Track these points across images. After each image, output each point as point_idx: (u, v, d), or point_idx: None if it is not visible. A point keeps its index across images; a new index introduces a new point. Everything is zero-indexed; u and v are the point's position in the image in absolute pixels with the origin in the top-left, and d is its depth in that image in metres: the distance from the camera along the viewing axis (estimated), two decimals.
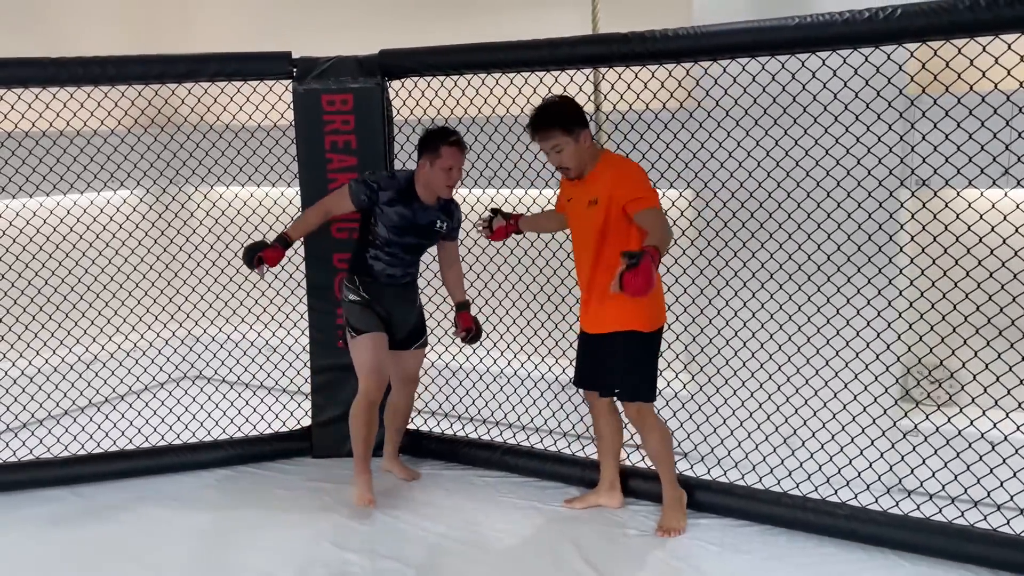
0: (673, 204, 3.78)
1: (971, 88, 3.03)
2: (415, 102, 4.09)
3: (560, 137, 3.09)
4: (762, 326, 3.60)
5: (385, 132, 3.93)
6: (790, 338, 3.53)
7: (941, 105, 3.07)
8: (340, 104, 3.88)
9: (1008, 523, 3.00)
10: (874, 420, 3.34)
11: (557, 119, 3.10)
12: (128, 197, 5.03)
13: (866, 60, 3.14)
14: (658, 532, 3.27)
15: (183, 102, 5.00)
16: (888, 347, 3.31)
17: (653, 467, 3.36)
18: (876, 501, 3.25)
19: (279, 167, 4.49)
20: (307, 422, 4.17)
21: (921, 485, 3.24)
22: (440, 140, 3.35)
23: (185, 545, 3.25)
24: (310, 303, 4.03)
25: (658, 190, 3.18)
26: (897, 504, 3.19)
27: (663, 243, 2.85)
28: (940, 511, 3.11)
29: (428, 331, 3.79)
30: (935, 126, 3.05)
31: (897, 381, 3.34)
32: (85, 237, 4.31)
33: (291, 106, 3.97)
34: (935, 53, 3.11)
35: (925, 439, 3.21)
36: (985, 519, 3.01)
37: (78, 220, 4.27)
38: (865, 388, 3.33)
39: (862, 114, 3.22)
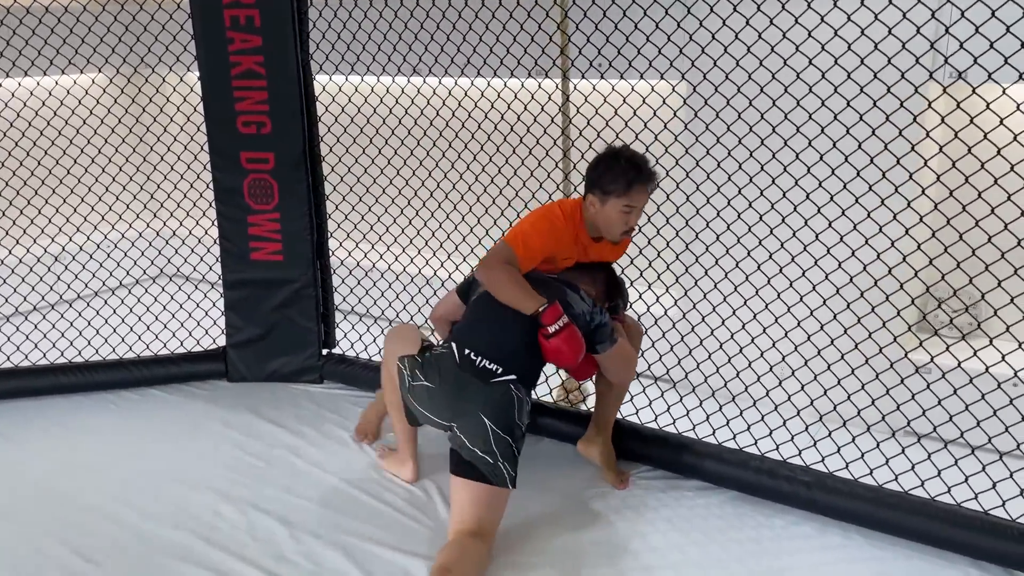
0: (664, 101, 3.02)
1: None
2: None
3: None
4: (760, 242, 2.91)
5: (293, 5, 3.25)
6: (782, 245, 2.84)
7: None
8: None
9: None
10: (880, 350, 2.65)
11: None
12: (97, 78, 4.42)
13: None
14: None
15: None
16: (904, 259, 2.60)
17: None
18: (878, 446, 2.61)
19: None
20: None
21: (935, 430, 2.56)
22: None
23: (39, 476, 2.79)
24: (219, 209, 3.45)
25: (647, 82, 2.77)
26: (903, 451, 2.54)
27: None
28: (956, 462, 2.45)
29: None
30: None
31: (913, 302, 2.63)
32: (53, 124, 3.76)
33: None
34: None
35: (943, 375, 2.52)
36: (1012, 476, 2.35)
37: (43, 104, 3.70)
38: (872, 309, 2.64)
39: None
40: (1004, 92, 2.35)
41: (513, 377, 2.39)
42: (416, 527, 2.53)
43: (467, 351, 2.42)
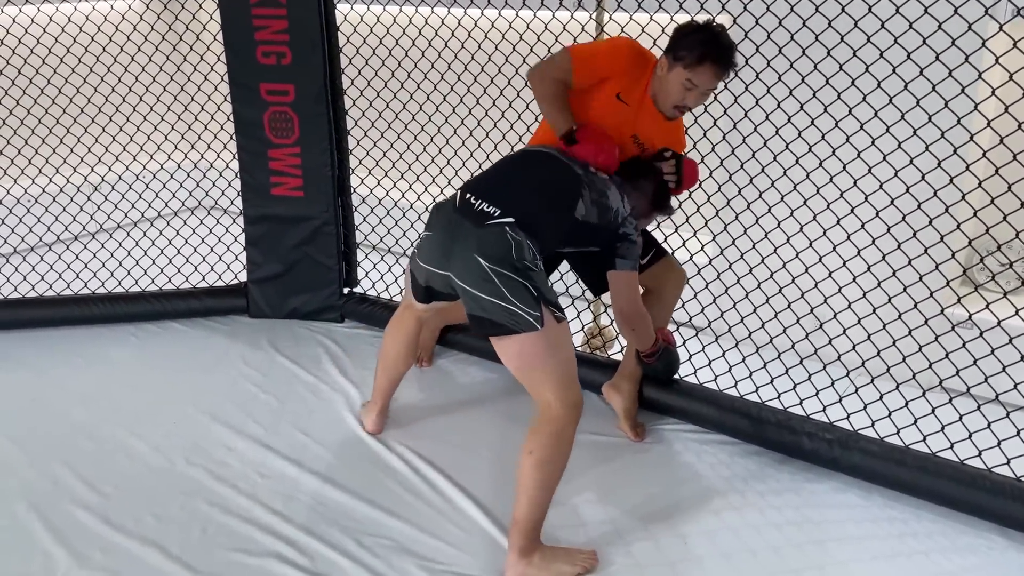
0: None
1: None
2: None
3: None
4: (795, 187, 2.76)
5: None
6: (818, 191, 2.69)
7: None
8: None
9: None
10: (915, 305, 2.51)
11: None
12: (134, 4, 4.34)
13: None
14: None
15: None
16: (947, 209, 2.44)
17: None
18: (906, 405, 2.49)
19: None
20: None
21: (968, 391, 2.43)
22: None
23: (57, 406, 2.81)
24: (239, 142, 3.38)
25: (686, 12, 2.57)
26: (933, 411, 2.43)
27: None
28: (989, 425, 2.33)
29: None
30: None
31: (953, 256, 2.47)
32: (91, 49, 3.71)
33: None
34: None
35: (981, 334, 2.38)
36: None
37: (80, 29, 3.64)
38: (909, 262, 2.49)
39: None
40: None
41: (511, 220, 2.10)
42: (425, 471, 2.49)
43: (468, 195, 2.19)
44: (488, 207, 2.13)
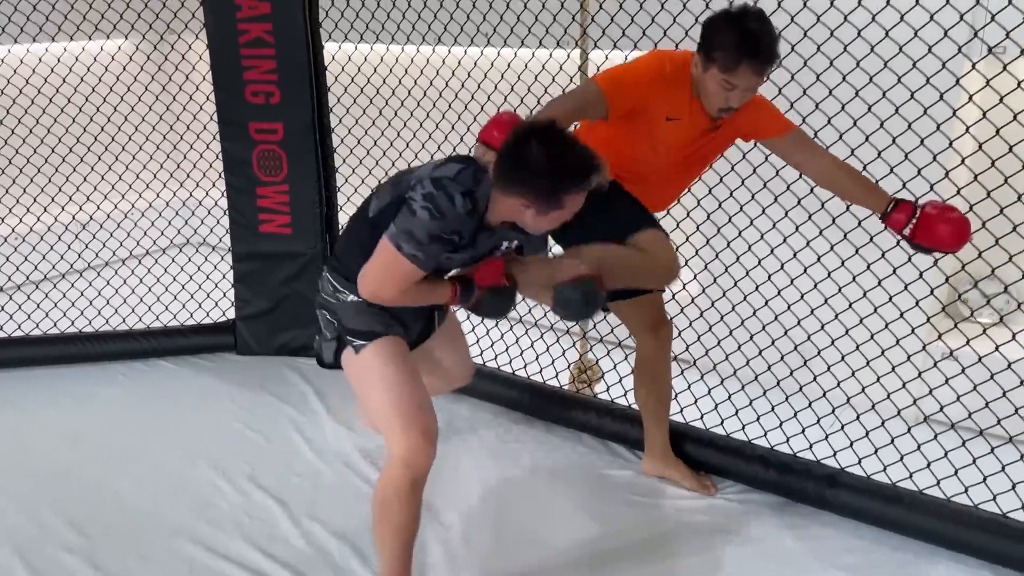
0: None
1: None
2: None
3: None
4: (773, 225, 2.79)
5: None
6: (798, 228, 2.72)
7: None
8: None
9: None
10: (898, 341, 2.54)
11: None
12: (123, 45, 4.38)
13: None
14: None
15: None
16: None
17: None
18: (892, 442, 2.51)
19: None
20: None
21: (953, 428, 2.45)
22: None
23: (44, 446, 2.80)
24: (228, 179, 3.41)
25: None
26: (919, 448, 2.44)
27: None
28: (974, 459, 2.34)
29: None
30: None
31: (932, 292, 2.50)
32: (80, 90, 3.75)
33: None
34: None
35: (963, 370, 2.40)
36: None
37: (70, 70, 3.68)
38: (890, 299, 2.52)
39: None
40: None
41: (330, 265, 2.05)
42: None
43: None
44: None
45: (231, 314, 3.61)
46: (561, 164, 1.74)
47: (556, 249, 2.27)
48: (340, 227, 3.51)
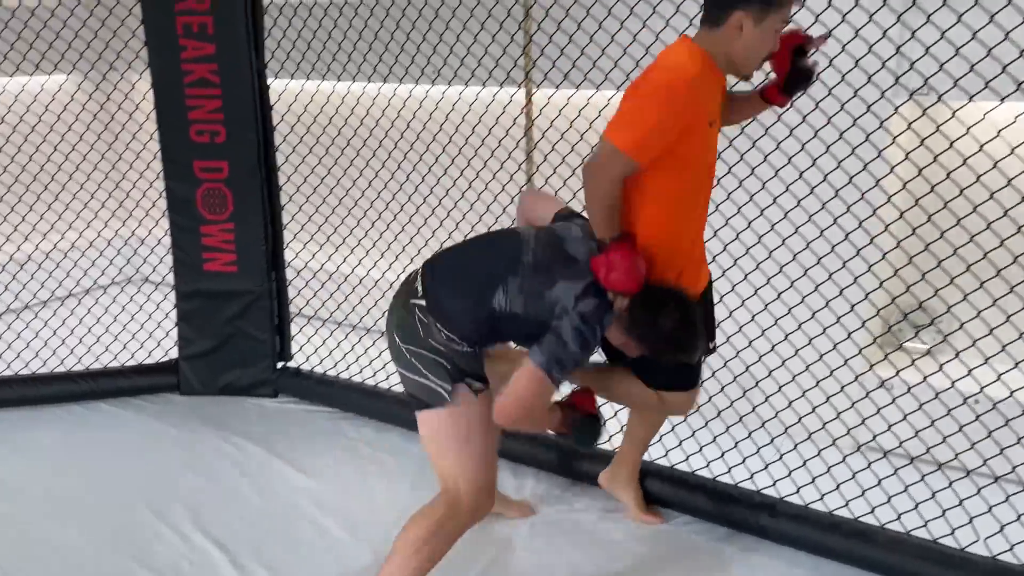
0: (600, 113, 2.96)
1: None
2: None
3: None
4: (713, 258, 2.86)
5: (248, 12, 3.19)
6: (736, 262, 2.80)
7: None
8: None
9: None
10: (831, 372, 2.62)
11: None
12: (65, 84, 4.31)
13: None
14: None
15: None
16: (855, 280, 2.57)
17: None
18: (844, 460, 2.56)
19: None
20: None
21: (900, 445, 2.52)
22: None
23: None
24: (172, 218, 3.39)
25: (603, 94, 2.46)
26: (869, 465, 2.50)
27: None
28: (906, 487, 2.42)
29: None
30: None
31: (863, 325, 2.60)
32: (19, 129, 3.69)
33: None
34: None
35: (900, 395, 2.48)
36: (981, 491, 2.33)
37: (9, 109, 3.62)
38: (823, 331, 2.61)
39: None
40: (955, 114, 2.33)
41: (423, 304, 2.03)
42: (358, 554, 2.47)
43: (422, 267, 2.12)
44: (419, 284, 2.07)
45: (174, 354, 3.55)
46: (686, 340, 2.02)
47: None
48: (286, 265, 3.49)
